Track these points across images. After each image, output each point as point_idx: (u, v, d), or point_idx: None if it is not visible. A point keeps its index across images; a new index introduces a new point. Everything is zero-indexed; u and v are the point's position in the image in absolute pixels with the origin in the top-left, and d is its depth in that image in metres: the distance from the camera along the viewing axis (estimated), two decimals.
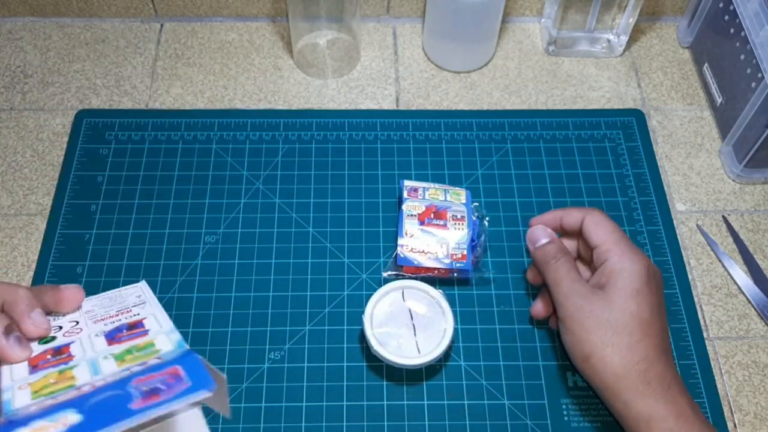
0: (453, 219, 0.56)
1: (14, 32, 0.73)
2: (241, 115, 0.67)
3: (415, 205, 0.57)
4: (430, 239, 0.56)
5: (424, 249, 0.55)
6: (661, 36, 0.74)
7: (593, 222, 0.50)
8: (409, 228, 0.56)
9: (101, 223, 0.60)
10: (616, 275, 0.47)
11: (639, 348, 0.45)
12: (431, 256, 0.55)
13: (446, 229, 0.56)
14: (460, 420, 0.51)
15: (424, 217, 0.56)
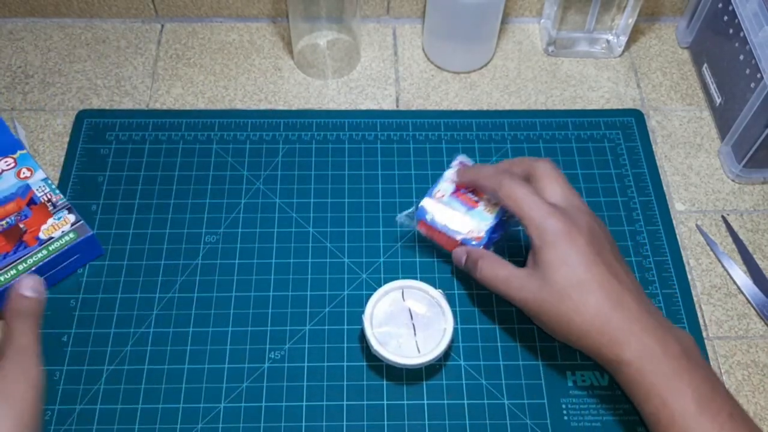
0: (487, 202, 0.55)
1: (15, 33, 0.73)
2: (241, 115, 0.67)
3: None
4: (457, 210, 0.55)
5: (446, 214, 0.55)
6: (660, 36, 0.75)
7: (505, 195, 0.50)
8: (443, 189, 0.56)
9: (101, 223, 0.60)
10: (541, 253, 0.48)
11: (592, 302, 0.46)
12: (449, 223, 0.54)
13: (476, 207, 0.55)
14: (460, 420, 0.52)
15: (461, 186, 0.56)
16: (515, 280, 0.49)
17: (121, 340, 0.55)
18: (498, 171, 0.52)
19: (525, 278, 0.49)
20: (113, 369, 0.53)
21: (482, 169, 0.54)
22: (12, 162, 0.59)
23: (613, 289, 0.46)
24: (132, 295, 0.57)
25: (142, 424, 0.51)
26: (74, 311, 0.56)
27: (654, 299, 0.57)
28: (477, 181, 0.53)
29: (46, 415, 0.51)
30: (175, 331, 0.55)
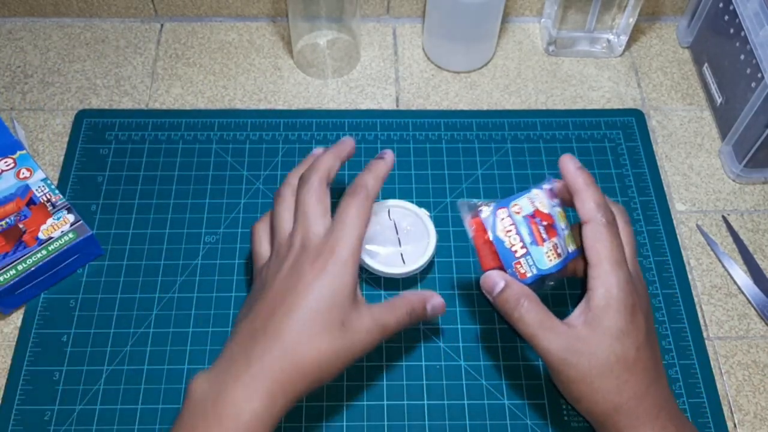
0: (553, 248, 0.47)
1: (14, 32, 0.73)
2: (241, 115, 0.67)
3: (543, 203, 0.48)
4: (523, 237, 0.46)
5: (510, 232, 0.47)
6: (660, 36, 0.74)
7: (593, 235, 0.45)
8: (522, 205, 0.47)
9: (101, 223, 0.60)
10: (600, 315, 0.43)
11: (626, 388, 0.44)
12: (506, 243, 0.47)
13: (541, 245, 0.46)
14: (460, 420, 0.52)
15: (538, 215, 0.47)
16: (554, 329, 0.44)
17: (120, 341, 0.55)
18: (605, 202, 0.46)
19: (567, 333, 0.44)
20: (113, 369, 0.53)
21: (597, 190, 0.46)
22: (11, 162, 0.59)
23: (650, 377, 0.44)
24: (132, 295, 0.57)
25: (142, 424, 0.51)
26: (74, 311, 0.56)
27: (654, 299, 0.57)
28: (589, 195, 0.45)
29: (45, 415, 0.51)
30: (175, 332, 0.55)
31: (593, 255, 0.44)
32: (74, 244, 0.55)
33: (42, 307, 0.56)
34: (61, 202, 0.57)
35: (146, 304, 0.56)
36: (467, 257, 0.59)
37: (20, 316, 0.56)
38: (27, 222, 0.56)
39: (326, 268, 0.43)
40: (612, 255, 0.44)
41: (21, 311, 0.56)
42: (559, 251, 0.47)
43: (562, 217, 0.48)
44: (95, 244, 0.57)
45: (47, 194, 0.57)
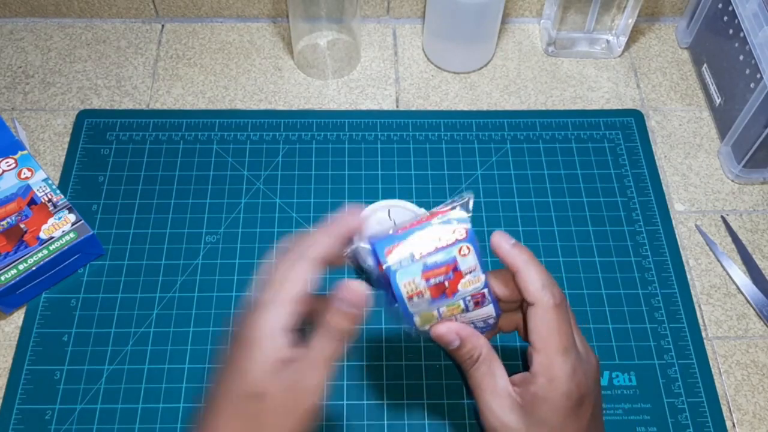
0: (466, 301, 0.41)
1: (15, 33, 0.73)
2: (241, 115, 0.67)
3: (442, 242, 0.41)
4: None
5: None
6: (660, 37, 0.75)
7: (540, 319, 0.40)
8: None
9: (102, 223, 0.60)
10: (538, 405, 0.40)
11: None
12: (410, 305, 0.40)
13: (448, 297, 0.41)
14: (460, 420, 0.52)
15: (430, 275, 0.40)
16: (503, 399, 0.41)
17: (121, 340, 0.55)
18: (551, 280, 0.41)
19: (513, 407, 0.41)
20: (114, 369, 0.54)
21: (541, 267, 0.41)
22: (13, 162, 0.59)
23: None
24: (132, 294, 0.57)
25: (143, 423, 0.51)
26: (75, 311, 0.56)
27: (653, 299, 0.57)
28: (533, 275, 0.40)
29: (46, 414, 0.52)
30: (176, 331, 0.55)
31: (538, 340, 0.40)
32: (75, 244, 0.56)
33: (43, 306, 0.56)
34: (63, 202, 0.57)
35: (147, 303, 0.56)
36: None
37: (21, 316, 0.56)
38: (28, 222, 0.56)
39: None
40: (560, 342, 0.40)
41: (22, 311, 0.56)
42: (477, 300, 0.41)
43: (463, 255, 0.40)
44: (96, 244, 0.57)
45: (48, 194, 0.57)
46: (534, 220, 0.61)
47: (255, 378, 0.36)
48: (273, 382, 0.36)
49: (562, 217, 0.61)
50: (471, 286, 0.40)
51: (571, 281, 0.58)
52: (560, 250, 0.60)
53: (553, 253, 0.59)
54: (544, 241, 0.60)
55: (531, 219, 0.61)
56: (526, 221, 0.61)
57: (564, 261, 0.59)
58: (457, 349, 0.42)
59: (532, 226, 0.61)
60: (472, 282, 0.40)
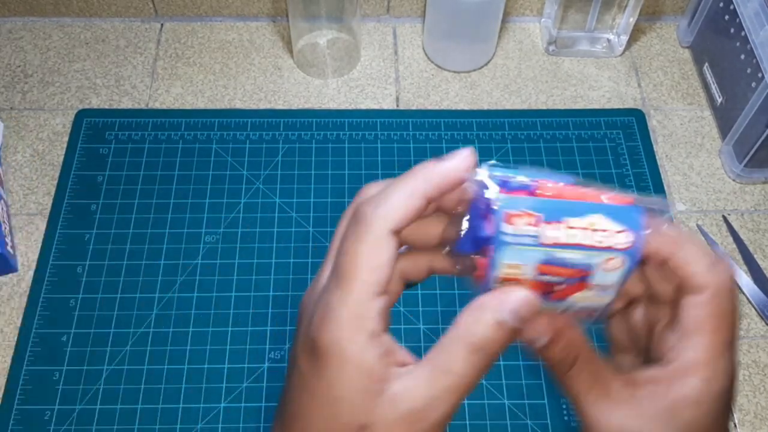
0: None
1: (14, 32, 0.73)
2: (241, 114, 0.67)
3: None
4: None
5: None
6: (661, 36, 0.74)
7: (710, 309, 0.29)
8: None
9: (101, 223, 0.60)
10: (687, 408, 0.30)
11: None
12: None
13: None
14: (460, 420, 0.51)
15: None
16: (625, 414, 0.31)
17: (120, 340, 0.55)
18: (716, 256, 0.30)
19: (640, 417, 0.31)
20: (113, 369, 0.53)
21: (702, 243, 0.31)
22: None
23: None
24: (132, 295, 0.57)
25: (142, 424, 0.51)
26: (74, 311, 0.56)
27: None
28: (696, 252, 0.29)
29: (45, 414, 0.51)
30: (175, 331, 0.55)
31: (698, 332, 0.30)
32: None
33: (42, 306, 0.56)
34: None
35: (146, 303, 0.56)
36: None
37: (20, 316, 0.56)
38: None
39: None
40: (728, 335, 0.30)
41: (21, 311, 0.56)
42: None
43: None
44: (6, 262, 0.56)
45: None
46: None
47: (353, 405, 0.26)
48: (378, 409, 0.26)
49: None
50: (588, 302, 0.29)
51: None
52: None
53: None
54: None
55: None
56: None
57: None
58: (547, 348, 0.30)
59: None
60: (593, 299, 0.29)
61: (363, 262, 0.27)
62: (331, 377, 0.26)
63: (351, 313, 0.26)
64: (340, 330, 0.26)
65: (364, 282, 0.27)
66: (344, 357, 0.26)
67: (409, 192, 0.29)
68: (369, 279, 0.27)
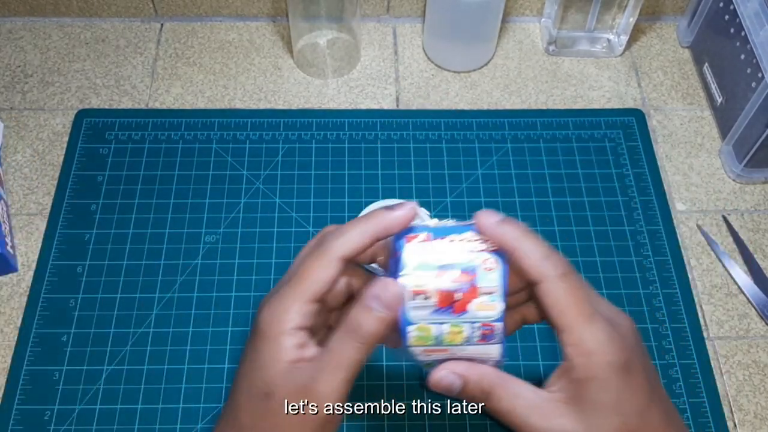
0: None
1: (14, 32, 0.73)
2: (241, 114, 0.67)
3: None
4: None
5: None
6: (661, 36, 0.74)
7: (552, 295, 0.34)
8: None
9: (101, 223, 0.60)
10: (585, 388, 0.34)
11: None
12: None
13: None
14: (461, 420, 0.51)
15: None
16: (541, 409, 0.35)
17: (120, 340, 0.55)
18: (550, 250, 0.35)
19: (556, 410, 0.35)
20: (113, 369, 0.53)
21: (537, 238, 0.35)
22: None
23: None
24: (132, 295, 0.57)
25: (142, 424, 0.51)
26: (74, 311, 0.56)
27: (654, 299, 0.57)
28: (529, 248, 0.34)
29: (45, 414, 0.51)
30: (175, 331, 0.55)
31: (557, 317, 0.34)
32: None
33: (42, 306, 0.56)
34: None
35: (146, 303, 0.56)
36: None
37: (20, 316, 0.56)
38: None
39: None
40: (580, 311, 0.34)
41: (21, 311, 0.56)
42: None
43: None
44: (6, 262, 0.56)
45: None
46: (535, 219, 0.61)
47: (265, 376, 0.34)
48: (283, 383, 0.34)
49: (562, 216, 0.61)
50: (484, 311, 0.34)
51: None
52: (561, 249, 0.59)
53: None
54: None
55: (532, 219, 0.61)
56: (527, 221, 0.60)
57: None
58: (462, 391, 0.35)
59: (533, 226, 0.61)
60: (486, 307, 0.34)
61: (311, 274, 0.35)
62: (258, 349, 0.34)
63: (286, 306, 0.34)
64: (273, 315, 0.34)
65: (305, 288, 0.34)
66: (270, 336, 0.34)
67: (362, 231, 0.35)
68: (310, 287, 0.35)
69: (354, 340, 0.34)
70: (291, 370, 0.34)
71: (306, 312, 0.34)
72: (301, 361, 0.34)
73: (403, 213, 0.35)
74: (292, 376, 0.34)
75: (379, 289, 0.34)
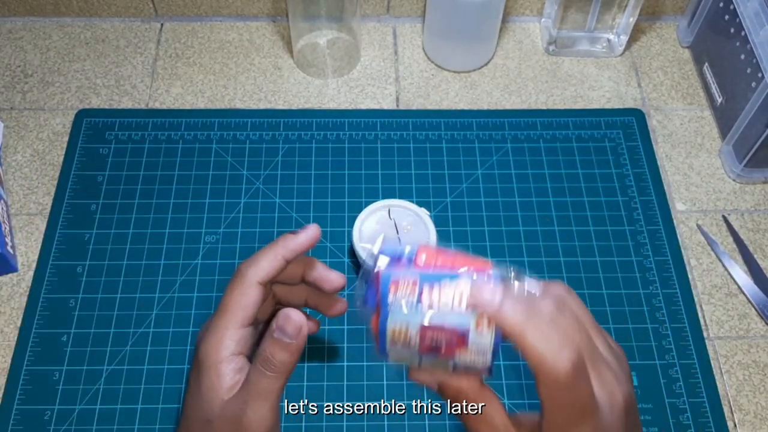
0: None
1: (14, 32, 0.73)
2: (241, 114, 0.67)
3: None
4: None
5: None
6: (661, 36, 0.74)
7: (544, 387, 0.31)
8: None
9: (101, 223, 0.60)
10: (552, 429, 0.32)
11: None
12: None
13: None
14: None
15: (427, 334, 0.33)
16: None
17: (120, 340, 0.55)
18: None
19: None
20: (113, 369, 0.53)
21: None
22: None
23: None
24: (132, 295, 0.57)
25: (142, 424, 0.51)
26: (74, 311, 0.56)
27: (654, 299, 0.57)
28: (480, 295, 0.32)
29: (45, 414, 0.51)
30: (175, 331, 0.55)
31: (543, 406, 0.32)
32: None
33: (42, 306, 0.56)
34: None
35: (146, 303, 0.56)
36: None
37: (20, 316, 0.56)
38: None
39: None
40: (563, 417, 0.32)
41: (21, 311, 0.56)
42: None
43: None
44: (6, 262, 0.56)
45: None
46: (535, 219, 0.61)
47: (205, 405, 0.37)
48: (220, 412, 0.37)
49: (562, 216, 0.61)
50: (471, 362, 0.33)
51: (572, 281, 0.58)
52: (561, 249, 0.59)
53: (554, 252, 0.59)
54: (545, 241, 0.60)
55: (532, 219, 0.61)
56: (527, 221, 0.61)
57: (565, 261, 0.59)
58: (440, 393, 0.35)
59: (533, 225, 0.61)
60: (474, 360, 0.32)
61: (234, 301, 0.38)
62: (200, 380, 0.37)
63: (219, 336, 0.38)
64: (209, 346, 0.38)
65: (233, 315, 0.38)
66: (208, 366, 0.37)
67: (272, 256, 0.39)
68: (237, 314, 0.38)
69: (269, 371, 0.37)
70: (226, 402, 0.37)
71: (238, 338, 0.38)
72: (238, 385, 0.37)
73: (306, 237, 0.40)
74: (226, 406, 0.37)
75: (282, 321, 0.37)
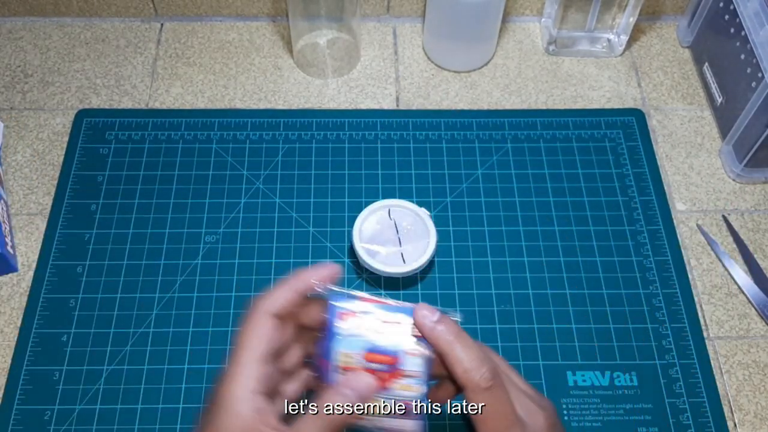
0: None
1: (14, 32, 0.73)
2: (241, 114, 0.67)
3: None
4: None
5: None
6: (661, 36, 0.74)
7: (471, 400, 0.37)
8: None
9: (101, 223, 0.60)
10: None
11: None
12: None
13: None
14: (460, 420, 0.51)
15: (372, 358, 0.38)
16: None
17: (120, 340, 0.55)
18: (479, 356, 0.37)
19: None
20: (113, 369, 0.53)
21: (466, 343, 0.37)
22: None
23: None
24: (132, 295, 0.57)
25: (142, 424, 0.51)
26: (74, 311, 0.56)
27: (654, 299, 0.57)
28: (456, 357, 0.37)
29: (45, 414, 0.51)
30: (175, 331, 0.55)
31: (481, 427, 0.37)
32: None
33: (42, 306, 0.56)
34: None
35: (146, 303, 0.56)
36: (467, 257, 0.59)
37: (20, 316, 0.56)
38: None
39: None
40: (496, 427, 0.37)
41: (21, 311, 0.56)
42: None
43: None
44: (6, 262, 0.56)
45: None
46: (535, 219, 0.61)
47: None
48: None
49: (562, 216, 0.61)
50: (406, 391, 0.37)
51: (572, 281, 0.58)
52: (561, 249, 0.59)
53: (555, 252, 0.59)
54: (545, 241, 0.60)
55: (532, 218, 0.61)
56: (527, 221, 0.61)
57: (565, 261, 0.59)
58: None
59: (533, 225, 0.61)
60: (408, 388, 0.37)
61: (248, 335, 0.37)
62: (217, 421, 0.35)
63: (234, 371, 0.36)
64: (228, 385, 0.36)
65: (248, 349, 0.37)
66: (227, 407, 0.35)
67: (286, 287, 0.39)
68: (252, 348, 0.37)
69: (324, 427, 0.36)
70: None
71: (257, 375, 0.36)
72: (261, 426, 0.35)
73: (323, 270, 0.40)
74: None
75: (354, 383, 0.37)
